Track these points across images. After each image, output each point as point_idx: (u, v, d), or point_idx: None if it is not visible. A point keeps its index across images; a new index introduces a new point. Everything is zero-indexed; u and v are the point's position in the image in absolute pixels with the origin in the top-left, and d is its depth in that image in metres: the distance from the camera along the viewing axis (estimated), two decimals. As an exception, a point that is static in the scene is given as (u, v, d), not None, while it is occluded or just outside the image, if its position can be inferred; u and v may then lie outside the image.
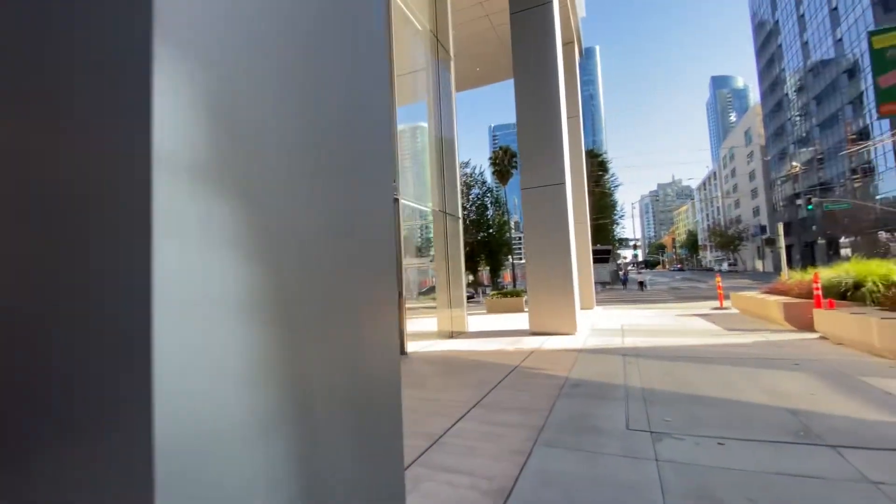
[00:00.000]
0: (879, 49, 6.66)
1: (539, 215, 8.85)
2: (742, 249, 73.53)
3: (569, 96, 15.50)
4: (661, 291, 28.54)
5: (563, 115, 9.10)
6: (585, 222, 15.24)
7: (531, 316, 8.92)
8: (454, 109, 10.26)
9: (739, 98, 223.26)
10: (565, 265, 8.60)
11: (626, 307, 15.81)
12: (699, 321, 9.93)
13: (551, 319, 8.66)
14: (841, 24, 41.82)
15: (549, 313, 8.68)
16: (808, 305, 7.93)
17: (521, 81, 9.16)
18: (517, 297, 15.10)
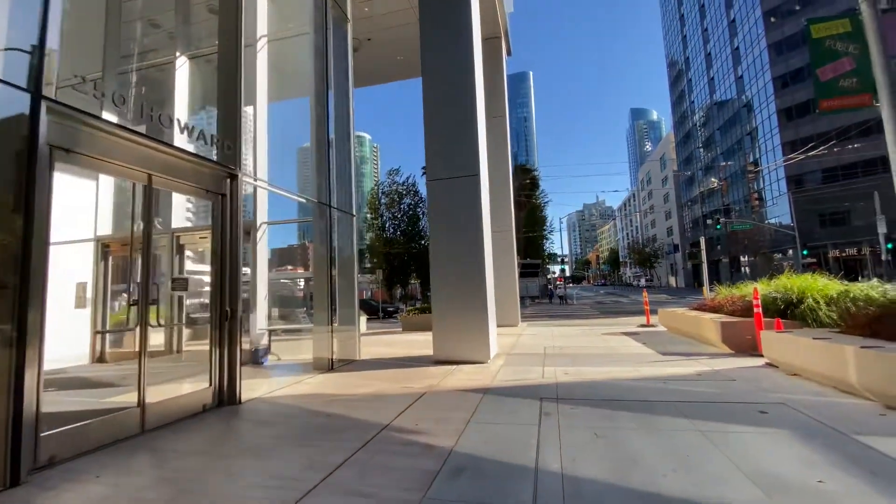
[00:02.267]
0: (818, 39, 5.92)
1: (447, 212, 7.13)
2: (657, 266, 78.80)
3: (494, 94, 14.27)
4: (587, 306, 28.44)
5: (479, 103, 7.55)
6: (511, 231, 13.93)
7: (435, 340, 7.10)
8: (350, 84, 8.33)
9: (654, 129, 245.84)
10: (478, 276, 6.92)
11: (552, 324, 14.65)
12: (629, 341, 8.74)
13: (459, 344, 6.89)
14: (741, 62, 46.28)
15: (458, 336, 6.91)
16: (747, 325, 6.92)
17: (431, 64, 7.50)
18: (434, 314, 13.29)
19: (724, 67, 50.77)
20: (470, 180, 7.08)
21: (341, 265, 7.87)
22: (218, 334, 4.83)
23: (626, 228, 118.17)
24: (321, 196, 7.06)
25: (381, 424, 3.79)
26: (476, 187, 7.06)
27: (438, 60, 7.47)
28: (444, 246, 7.09)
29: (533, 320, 17.45)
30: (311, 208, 7.27)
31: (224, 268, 4.89)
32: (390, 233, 38.53)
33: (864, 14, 5.94)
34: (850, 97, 6.16)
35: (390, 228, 38.51)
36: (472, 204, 7.05)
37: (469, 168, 7.09)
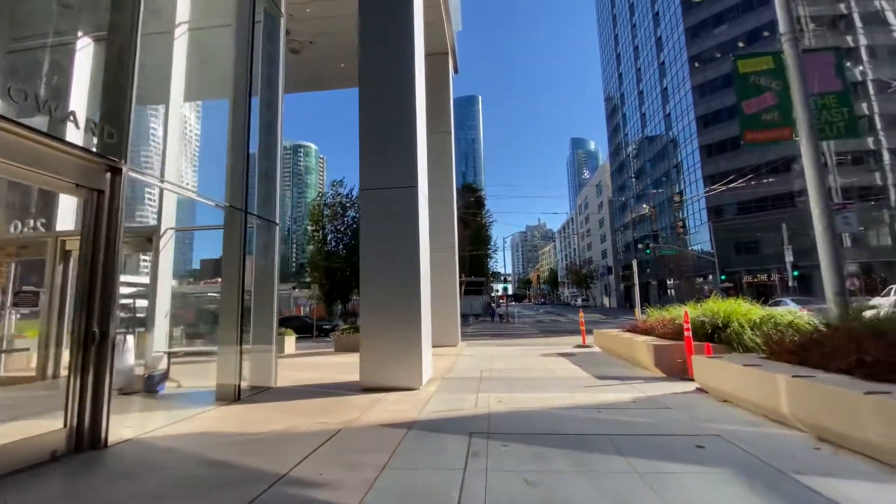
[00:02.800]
0: (744, 74, 6.23)
1: (381, 225, 6.60)
2: (593, 287, 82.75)
3: (439, 110, 14.10)
4: (527, 324, 28.79)
5: (420, 114, 7.18)
6: (454, 249, 13.61)
7: (362, 365, 6.44)
8: (281, 85, 7.65)
9: (592, 158, 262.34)
10: (412, 295, 6.40)
11: (492, 343, 14.40)
12: (565, 363, 8.58)
13: (389, 369, 6.29)
14: (669, 101, 50.57)
15: (387, 361, 6.32)
16: (678, 349, 6.97)
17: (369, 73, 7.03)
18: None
19: (655, 105, 55.24)
20: (407, 192, 6.62)
21: (259, 278, 7.03)
22: (81, 361, 3.89)
23: (565, 250, 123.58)
24: (234, 200, 6.24)
25: (277, 475, 3.12)
26: (414, 200, 6.60)
27: (377, 70, 7.01)
28: (376, 261, 6.52)
29: (474, 339, 17.16)
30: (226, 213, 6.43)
31: (94, 279, 3.99)
32: (332, 246, 37.07)
33: (787, 53, 6.35)
34: (771, 130, 6.53)
35: (332, 241, 37.06)
36: (408, 217, 6.57)
37: (406, 179, 6.64)
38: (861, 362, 3.66)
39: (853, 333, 3.96)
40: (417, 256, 6.46)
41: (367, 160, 6.76)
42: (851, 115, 6.43)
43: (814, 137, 6.26)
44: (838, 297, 6.04)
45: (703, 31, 44.70)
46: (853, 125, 6.45)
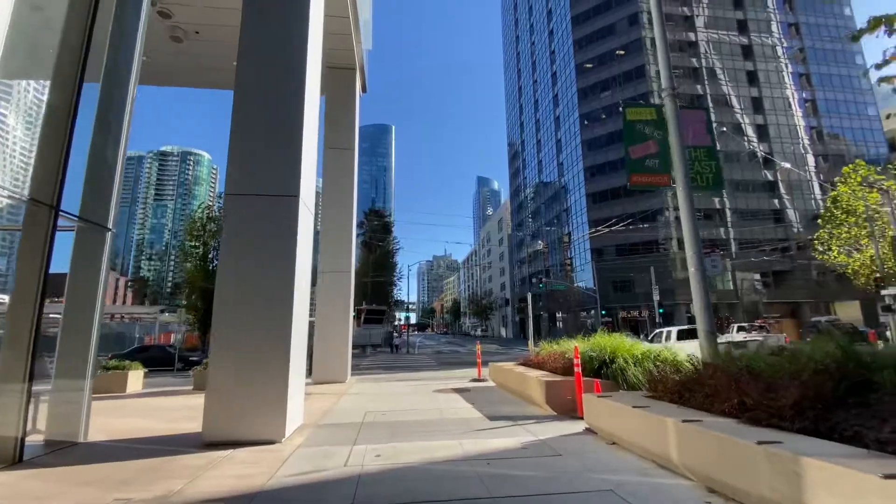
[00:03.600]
0: (631, 121, 6.54)
1: (247, 238, 5.49)
2: (492, 318, 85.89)
3: (342, 126, 13.29)
4: (427, 355, 28.14)
5: (309, 120, 6.36)
6: (350, 273, 12.55)
7: (207, 411, 5.10)
8: (135, 69, 6.26)
9: (495, 197, 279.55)
10: (282, 324, 5.33)
11: (385, 378, 13.39)
12: (458, 401, 8.01)
13: (243, 417, 5.06)
14: (562, 151, 55.97)
15: (241, 405, 5.08)
16: (568, 385, 6.81)
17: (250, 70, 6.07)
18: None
19: (550, 154, 60.80)
20: (285, 203, 5.63)
21: (76, 296, 5.36)
22: None
23: (468, 281, 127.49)
24: (39, 193, 4.68)
25: None
26: (292, 212, 5.63)
27: (260, 61, 6.04)
28: (238, 281, 5.35)
29: (368, 373, 15.93)
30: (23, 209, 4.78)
31: None
32: (215, 265, 32.97)
33: (667, 107, 6.89)
34: (653, 176, 6.97)
35: (215, 260, 33.01)
36: (285, 231, 5.56)
37: (285, 187, 5.67)
38: (743, 405, 3.60)
39: (732, 374, 3.96)
40: (292, 278, 5.44)
41: (237, 160, 5.66)
42: (718, 169, 7.14)
43: (688, 186, 6.77)
44: (709, 334, 6.42)
45: (591, 94, 50.84)
46: (719, 179, 7.16)
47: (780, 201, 46.95)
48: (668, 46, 7.38)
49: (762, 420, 3.28)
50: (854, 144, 48.66)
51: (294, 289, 5.40)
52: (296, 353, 5.47)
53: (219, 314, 5.29)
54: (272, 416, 5.12)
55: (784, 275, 45.81)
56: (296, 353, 5.47)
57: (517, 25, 78.65)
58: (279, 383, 5.18)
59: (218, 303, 5.30)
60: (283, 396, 5.15)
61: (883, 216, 20.93)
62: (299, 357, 5.72)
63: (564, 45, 55.91)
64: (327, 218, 12.62)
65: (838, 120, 49.32)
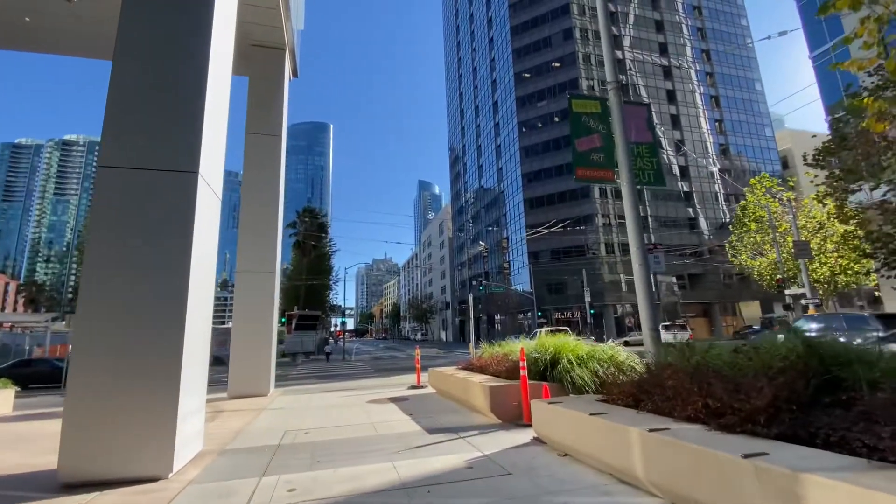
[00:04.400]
0: (578, 113, 6.27)
1: (126, 220, 4.36)
2: (432, 321, 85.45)
3: (269, 110, 12.02)
4: (364, 362, 26.86)
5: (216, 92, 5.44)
6: (274, 274, 11.27)
7: (66, 442, 3.90)
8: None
9: (436, 201, 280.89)
10: (171, 324, 4.26)
11: (316, 388, 12.22)
12: (394, 412, 7.24)
13: (114, 447, 3.94)
14: (502, 157, 57.09)
15: (113, 433, 3.96)
16: (514, 390, 6.33)
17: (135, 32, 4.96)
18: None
19: (490, 159, 61.81)
20: (180, 180, 4.57)
21: None
22: None
23: (409, 285, 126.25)
24: None
25: None
26: (189, 191, 4.58)
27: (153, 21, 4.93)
28: (111, 273, 4.21)
29: (297, 383, 14.58)
30: None
31: None
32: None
33: (611, 100, 6.71)
34: (598, 170, 6.76)
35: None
36: (178, 215, 4.50)
37: (180, 161, 4.60)
38: (707, 408, 3.25)
39: (693, 374, 3.62)
40: (187, 272, 4.39)
41: (114, 127, 4.51)
42: (659, 165, 7.08)
43: (632, 181, 6.62)
44: (653, 332, 6.25)
45: (529, 103, 52.39)
46: (660, 175, 7.11)
47: (694, 210, 51.35)
48: (612, 39, 7.25)
49: (735, 426, 2.91)
50: (754, 161, 54.63)
51: (188, 285, 4.35)
52: (190, 363, 4.41)
53: (83, 316, 4.11)
54: (156, 445, 4.04)
55: (697, 278, 50.03)
56: (190, 363, 4.41)
57: (458, 31, 79.54)
58: (166, 402, 4.11)
59: (83, 300, 4.12)
60: (170, 419, 4.09)
61: (783, 224, 23.35)
62: (196, 369, 4.66)
63: (504, 53, 57.24)
64: (248, 211, 11.28)
65: (742, 138, 55.13)
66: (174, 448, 4.07)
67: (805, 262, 17.45)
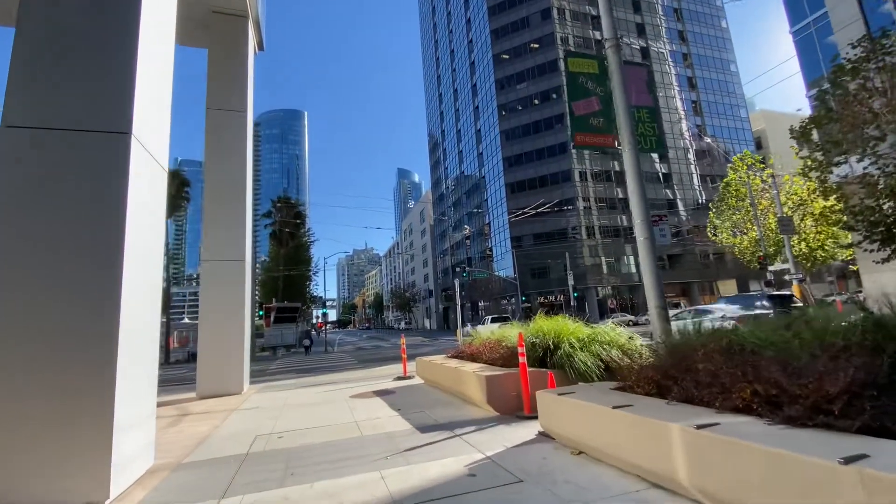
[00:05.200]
0: (574, 73, 5.74)
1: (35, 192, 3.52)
2: (415, 310, 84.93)
3: (231, 83, 10.97)
4: (347, 353, 26.13)
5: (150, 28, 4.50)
6: (244, 262, 10.38)
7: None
8: None
9: (416, 189, 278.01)
10: (92, 318, 3.46)
11: (295, 383, 11.45)
12: (380, 408, 6.60)
13: (30, 469, 3.17)
14: (482, 142, 56.27)
15: (28, 449, 3.18)
16: (512, 380, 5.76)
17: None
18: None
19: (470, 144, 60.93)
20: (106, 142, 3.72)
21: None
22: None
23: (391, 274, 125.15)
24: None
25: None
26: (119, 156, 3.74)
27: None
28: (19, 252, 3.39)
29: (275, 379, 13.76)
30: None
31: None
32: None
33: (610, 59, 6.09)
34: (598, 136, 6.17)
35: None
36: (106, 184, 3.67)
37: (106, 120, 3.75)
38: (757, 395, 2.70)
39: (734, 354, 3.07)
40: (119, 254, 3.57)
41: (25, 76, 3.62)
42: (661, 131, 6.52)
43: (635, 147, 6.04)
44: (660, 309, 5.74)
45: (508, 86, 51.56)
46: (661, 141, 6.56)
47: (672, 191, 51.84)
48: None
49: (803, 418, 2.37)
50: (729, 142, 55.36)
51: (122, 273, 3.55)
52: (129, 362, 3.64)
53: None
54: (87, 464, 3.29)
55: (677, 258, 50.76)
56: (129, 362, 3.64)
57: (434, 12, 77.55)
58: (98, 411, 3.35)
59: None
60: (103, 432, 3.33)
61: (762, 202, 23.46)
62: (139, 368, 3.88)
63: (482, 34, 56.01)
64: (213, 195, 10.31)
65: (717, 119, 55.71)
66: (110, 468, 3.32)
67: (789, 237, 17.46)
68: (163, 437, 5.64)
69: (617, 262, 48.44)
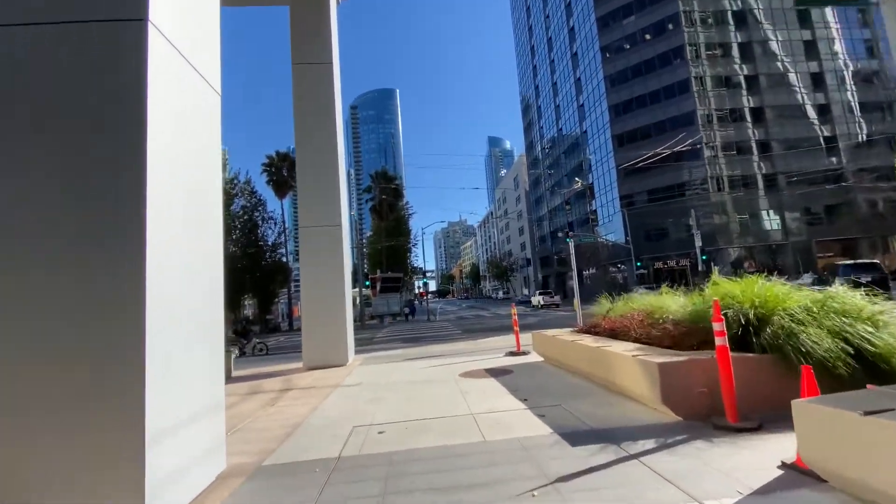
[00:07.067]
0: None
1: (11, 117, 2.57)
2: (513, 279, 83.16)
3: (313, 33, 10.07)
4: (449, 322, 25.68)
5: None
6: (341, 228, 9.67)
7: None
8: None
9: (508, 156, 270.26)
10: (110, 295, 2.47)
11: (400, 354, 10.72)
12: (500, 396, 5.20)
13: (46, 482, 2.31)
14: (583, 91, 50.86)
15: (43, 464, 2.33)
16: (697, 368, 3.89)
17: None
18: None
19: (569, 96, 55.57)
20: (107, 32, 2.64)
21: None
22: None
23: (486, 244, 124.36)
24: None
25: None
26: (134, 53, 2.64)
27: None
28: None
29: (381, 348, 13.39)
30: None
31: None
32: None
33: None
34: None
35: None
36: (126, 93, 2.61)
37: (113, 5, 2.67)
38: None
39: None
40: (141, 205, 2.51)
41: None
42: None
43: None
44: None
45: (613, 22, 45.19)
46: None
47: (829, 127, 41.58)
48: None
49: None
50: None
51: (145, 219, 2.48)
52: (166, 349, 2.62)
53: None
54: (115, 481, 2.35)
55: (834, 210, 41.18)
56: (166, 349, 2.62)
57: (523, -42, 71.03)
58: (123, 421, 2.36)
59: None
60: (135, 444, 2.35)
61: None
62: (183, 354, 2.88)
63: (578, -31, 49.59)
64: (304, 155, 9.67)
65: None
66: (143, 486, 2.33)
67: None
68: (256, 421, 4.94)
69: (752, 219, 40.85)
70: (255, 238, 33.76)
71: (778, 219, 41.30)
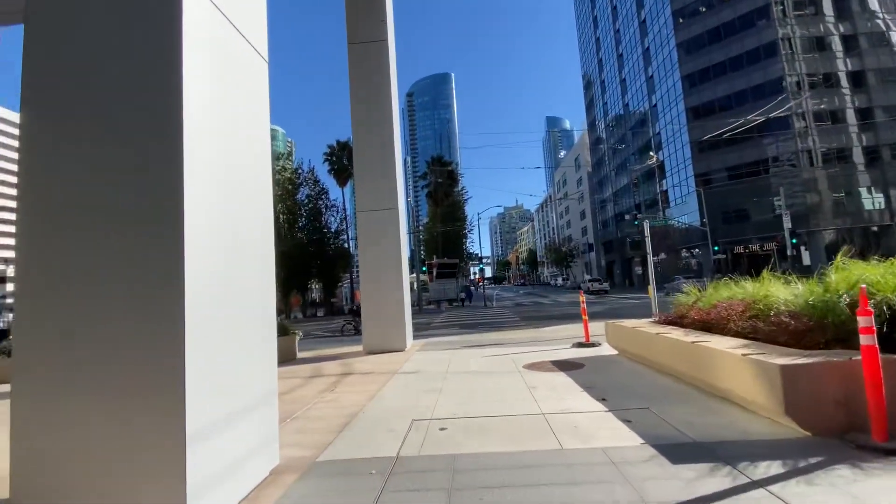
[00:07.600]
0: None
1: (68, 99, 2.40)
2: (573, 265, 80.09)
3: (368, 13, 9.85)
4: (507, 309, 25.10)
5: None
6: (397, 211, 9.45)
7: (16, 473, 2.27)
8: None
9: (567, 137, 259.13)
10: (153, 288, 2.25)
11: (458, 342, 10.40)
12: (574, 393, 4.66)
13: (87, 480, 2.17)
14: (652, 61, 46.91)
15: (85, 459, 2.19)
16: (833, 373, 3.09)
17: None
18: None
19: (636, 68, 51.60)
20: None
21: None
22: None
23: (544, 229, 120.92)
24: None
25: None
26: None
27: None
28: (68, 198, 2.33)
29: (439, 333, 13.21)
30: None
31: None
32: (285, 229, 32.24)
33: None
34: None
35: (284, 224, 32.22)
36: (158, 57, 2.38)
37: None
38: None
39: None
40: (179, 184, 2.26)
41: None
42: None
43: None
44: None
45: (687, -18, 40.91)
46: None
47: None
48: None
49: None
50: None
51: (183, 195, 2.23)
52: (205, 342, 2.39)
53: (26, 292, 2.34)
54: (156, 479, 2.16)
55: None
56: (205, 342, 2.39)
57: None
58: (164, 417, 2.16)
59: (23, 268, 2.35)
60: (176, 442, 2.14)
61: None
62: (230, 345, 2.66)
63: (648, -74, 45.29)
64: (359, 138, 9.49)
65: None
66: (185, 485, 2.12)
67: None
68: (314, 408, 4.81)
69: (849, 198, 35.65)
70: (319, 225, 35.08)
71: (881, 196, 35.73)
